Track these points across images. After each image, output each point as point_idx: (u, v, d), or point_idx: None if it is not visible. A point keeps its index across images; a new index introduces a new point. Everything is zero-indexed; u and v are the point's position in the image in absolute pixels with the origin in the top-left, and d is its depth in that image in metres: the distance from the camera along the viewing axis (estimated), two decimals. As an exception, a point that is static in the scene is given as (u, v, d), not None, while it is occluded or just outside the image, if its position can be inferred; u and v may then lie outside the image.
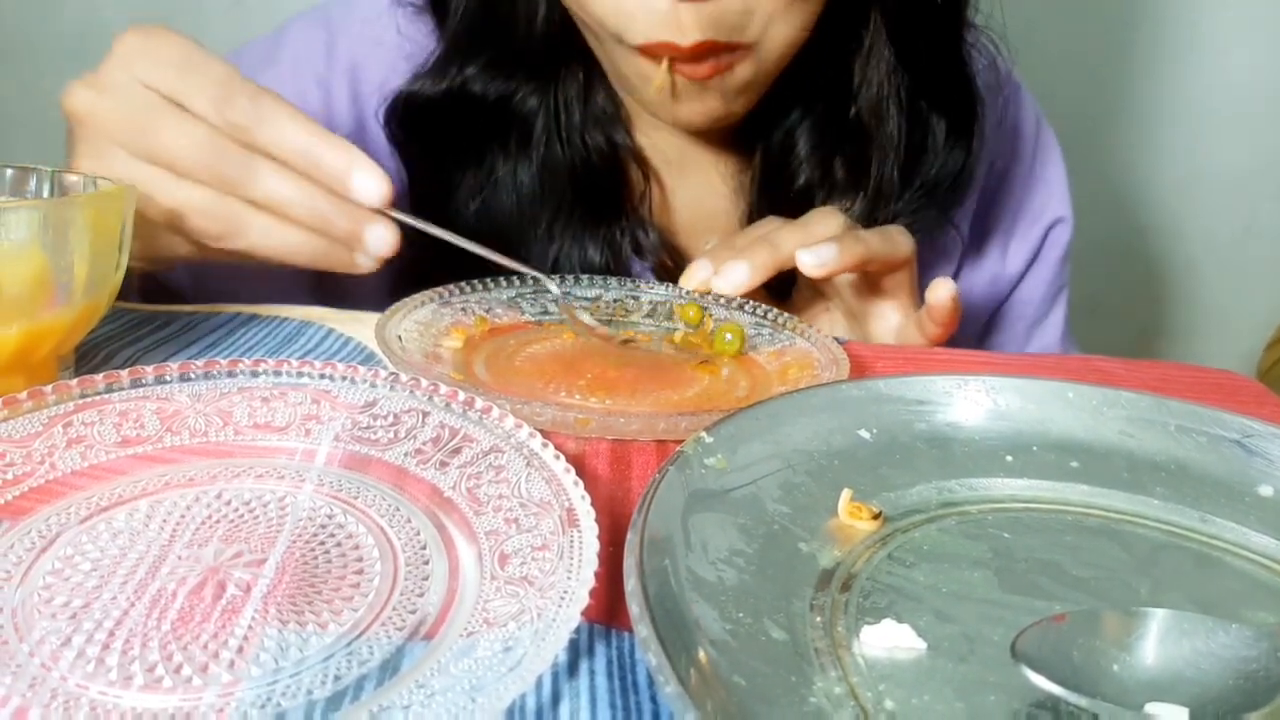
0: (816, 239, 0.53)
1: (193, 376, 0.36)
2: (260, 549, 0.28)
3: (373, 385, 0.37)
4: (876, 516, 0.32)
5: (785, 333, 0.51)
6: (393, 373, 0.37)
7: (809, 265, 0.51)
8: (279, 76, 0.65)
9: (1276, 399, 0.49)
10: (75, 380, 0.33)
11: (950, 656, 0.26)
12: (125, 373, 0.35)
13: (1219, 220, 1.37)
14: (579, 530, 0.28)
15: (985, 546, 0.32)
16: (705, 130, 0.66)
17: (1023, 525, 0.33)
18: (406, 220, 0.48)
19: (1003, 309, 0.78)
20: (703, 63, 0.52)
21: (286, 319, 0.50)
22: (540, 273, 0.53)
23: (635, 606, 0.23)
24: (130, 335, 0.46)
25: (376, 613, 0.26)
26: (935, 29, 0.61)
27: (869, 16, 0.60)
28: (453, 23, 0.61)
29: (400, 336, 0.45)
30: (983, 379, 0.40)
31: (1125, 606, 0.28)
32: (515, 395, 0.40)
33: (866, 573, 0.29)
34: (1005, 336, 0.78)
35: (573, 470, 0.31)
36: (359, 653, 0.24)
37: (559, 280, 0.54)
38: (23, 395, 0.32)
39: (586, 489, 0.30)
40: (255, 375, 0.37)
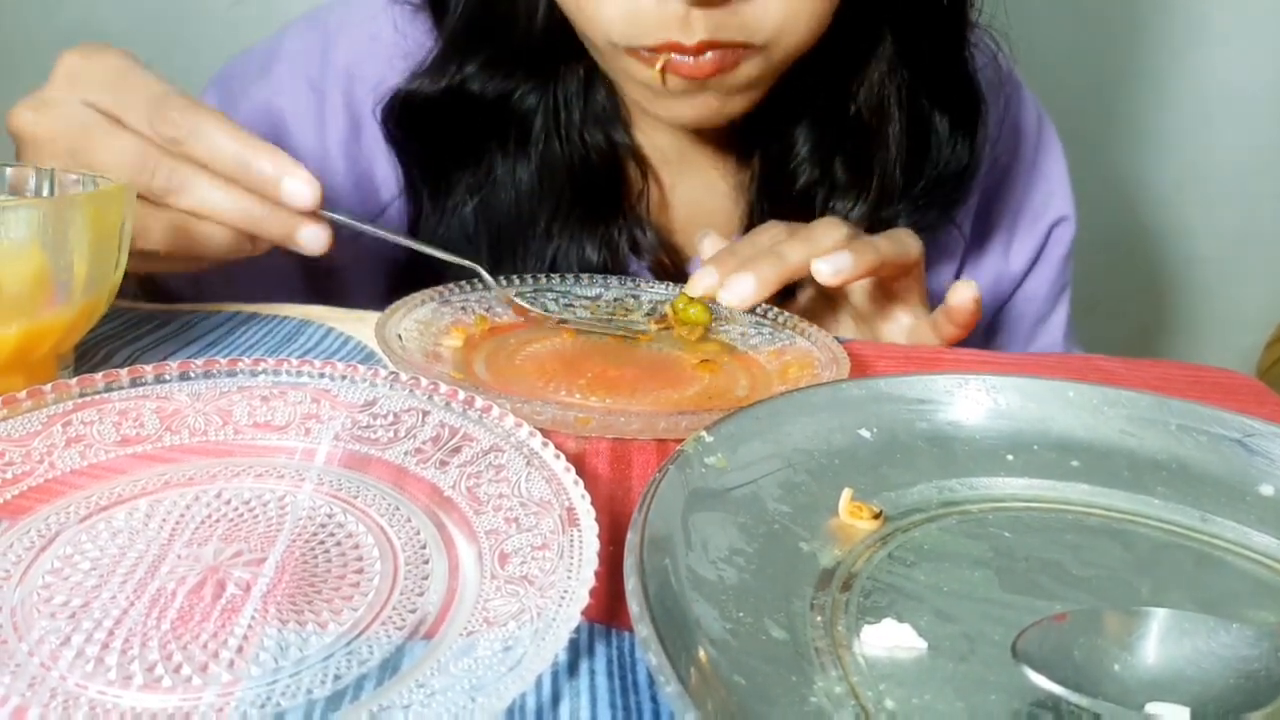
0: (824, 249, 0.53)
1: (192, 375, 0.36)
2: (260, 548, 0.28)
3: (372, 384, 0.37)
4: (877, 516, 0.32)
5: (785, 331, 0.51)
6: (392, 372, 0.37)
7: (826, 275, 0.51)
8: (274, 83, 0.65)
9: (1277, 398, 0.49)
10: (74, 379, 0.33)
11: (951, 656, 0.26)
12: (125, 372, 0.34)
13: (1219, 219, 1.37)
14: (579, 529, 0.28)
15: (986, 546, 0.32)
16: (702, 129, 0.66)
17: (1023, 524, 0.33)
18: (338, 219, 0.49)
19: (1006, 307, 0.78)
20: (704, 60, 0.52)
21: (286, 318, 0.50)
22: (476, 265, 0.53)
23: (635, 606, 0.23)
24: (130, 334, 0.46)
25: (376, 612, 0.26)
26: (938, 27, 0.61)
27: (872, 16, 0.60)
28: (451, 20, 0.61)
29: (400, 335, 0.45)
30: (983, 378, 0.40)
31: (1126, 606, 0.28)
32: (515, 394, 0.40)
33: (867, 572, 0.29)
34: (1009, 335, 0.78)
35: (573, 469, 0.31)
36: (359, 652, 0.24)
37: (504, 279, 0.54)
38: (22, 394, 0.32)
39: (586, 488, 0.30)
40: (255, 374, 0.36)
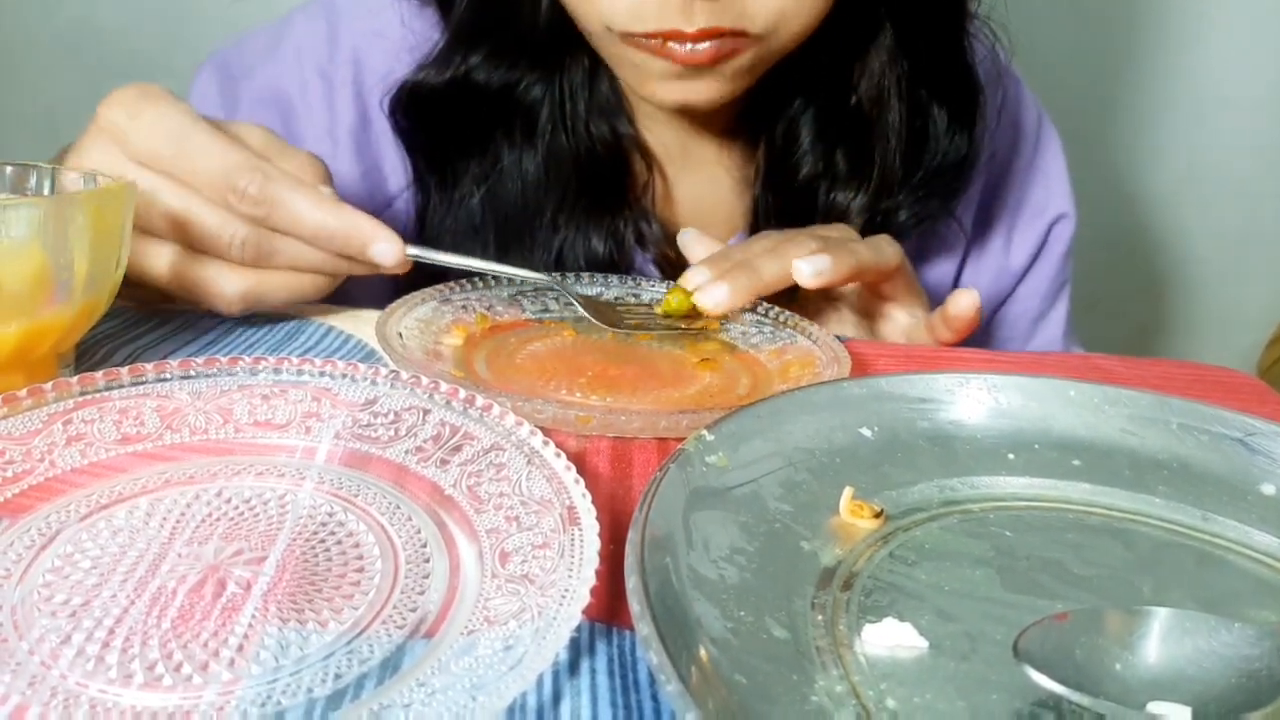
0: (796, 257, 0.53)
1: (193, 374, 0.36)
2: (260, 547, 0.28)
3: (373, 383, 0.37)
4: (878, 515, 0.32)
5: (786, 330, 0.51)
6: (393, 370, 0.37)
7: (806, 275, 0.51)
8: (282, 65, 0.65)
9: (1278, 397, 0.49)
10: (75, 378, 0.33)
11: (952, 655, 0.26)
12: (125, 370, 0.34)
13: (1220, 217, 1.37)
14: (580, 528, 0.28)
15: (987, 545, 0.31)
16: (707, 125, 0.66)
17: (1025, 524, 0.33)
18: (424, 257, 0.49)
19: (1006, 304, 0.78)
20: (701, 48, 0.52)
21: (286, 317, 0.50)
22: (543, 275, 0.53)
23: (636, 605, 0.23)
24: (130, 333, 0.46)
25: (377, 611, 0.26)
26: (937, 18, 0.61)
27: (872, 6, 0.60)
28: (457, 11, 0.61)
29: (401, 334, 0.45)
30: (984, 377, 0.40)
31: (1127, 605, 0.28)
32: (516, 393, 0.40)
33: (868, 571, 0.29)
34: (1009, 332, 0.79)
35: (573, 468, 0.31)
36: (359, 651, 0.24)
37: (560, 277, 0.55)
38: (22, 393, 0.32)
39: (587, 487, 0.30)
40: (255, 373, 0.36)
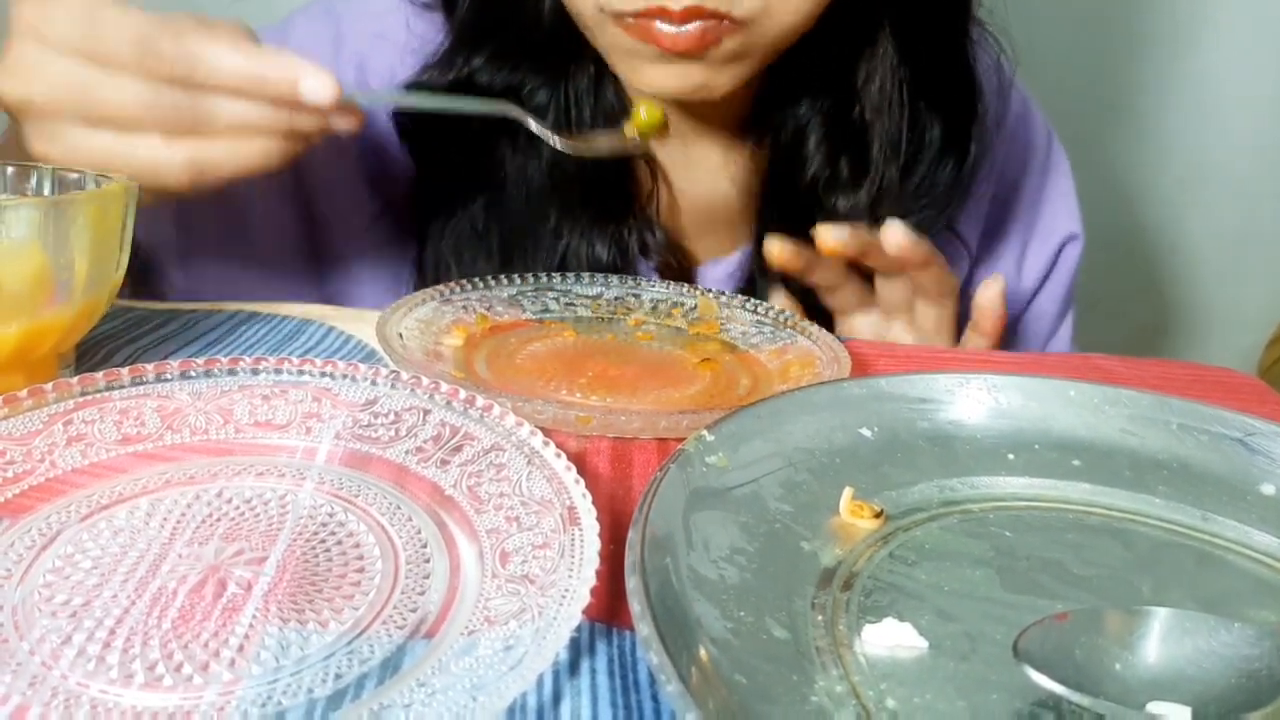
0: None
1: (193, 374, 0.36)
2: (261, 547, 0.28)
3: (373, 383, 0.37)
4: (878, 515, 0.32)
5: (787, 330, 0.51)
6: (393, 371, 0.37)
7: (895, 233, 0.55)
8: None
9: (1278, 397, 0.49)
10: (75, 378, 0.33)
11: (952, 655, 0.26)
12: (126, 370, 0.34)
13: (1219, 219, 1.37)
14: (580, 528, 0.28)
15: (987, 545, 0.31)
16: (701, 114, 0.65)
17: (1024, 524, 0.33)
18: (368, 100, 0.49)
19: (1018, 325, 0.78)
20: (686, 30, 0.51)
21: (287, 317, 0.50)
22: (510, 106, 0.54)
23: (636, 605, 0.23)
24: (131, 333, 0.46)
25: (377, 611, 0.26)
26: (940, 26, 0.61)
27: (875, 12, 0.60)
28: (459, 12, 0.61)
29: (401, 334, 0.45)
30: (984, 377, 0.40)
31: (1127, 605, 0.28)
32: (516, 393, 0.40)
33: (868, 571, 0.29)
34: (1019, 351, 0.79)
35: (574, 468, 0.31)
36: (360, 651, 0.24)
37: (519, 112, 0.55)
38: (23, 393, 0.32)
39: (587, 487, 0.30)
40: (256, 373, 0.36)
